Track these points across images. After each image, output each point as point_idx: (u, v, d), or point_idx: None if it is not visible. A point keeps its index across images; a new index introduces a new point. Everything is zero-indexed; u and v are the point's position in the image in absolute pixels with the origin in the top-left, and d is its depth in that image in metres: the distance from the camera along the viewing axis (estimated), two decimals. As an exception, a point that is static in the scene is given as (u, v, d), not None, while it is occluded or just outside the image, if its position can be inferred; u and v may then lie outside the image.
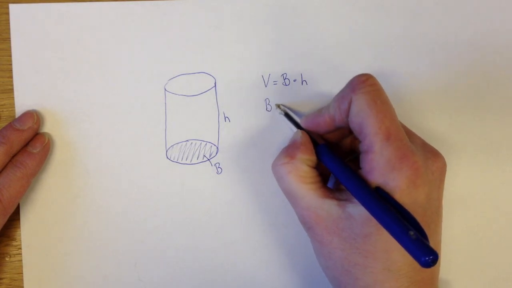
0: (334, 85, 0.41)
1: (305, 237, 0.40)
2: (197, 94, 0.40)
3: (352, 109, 0.34)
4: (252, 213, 0.40)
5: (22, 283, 0.39)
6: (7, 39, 0.39)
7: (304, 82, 0.41)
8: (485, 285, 0.41)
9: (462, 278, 0.41)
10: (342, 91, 0.35)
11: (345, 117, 0.35)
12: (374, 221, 0.32)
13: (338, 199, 0.34)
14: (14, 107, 0.39)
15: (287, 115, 0.39)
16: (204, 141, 0.40)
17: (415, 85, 0.41)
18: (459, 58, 0.42)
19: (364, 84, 0.34)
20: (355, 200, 0.33)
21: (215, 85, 0.40)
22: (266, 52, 0.41)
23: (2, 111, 0.39)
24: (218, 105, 0.40)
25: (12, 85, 0.39)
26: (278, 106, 0.40)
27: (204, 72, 0.40)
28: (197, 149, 0.40)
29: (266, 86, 0.41)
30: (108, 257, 0.39)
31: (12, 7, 0.39)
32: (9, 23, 0.39)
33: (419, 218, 0.32)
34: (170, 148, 0.40)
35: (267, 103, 0.41)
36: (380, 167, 0.32)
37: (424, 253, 0.28)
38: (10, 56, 0.39)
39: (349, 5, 0.41)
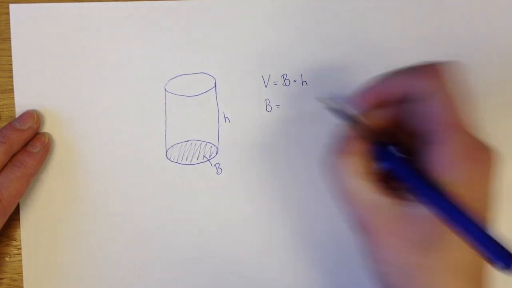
0: (335, 85, 0.41)
1: (305, 236, 0.40)
2: (197, 94, 0.40)
3: (424, 98, 0.32)
4: (252, 214, 0.40)
5: (22, 283, 0.39)
6: (7, 39, 0.39)
7: (304, 83, 0.41)
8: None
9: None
10: (416, 71, 0.33)
11: (410, 98, 0.32)
12: (436, 221, 0.30)
13: (401, 198, 0.32)
14: (14, 107, 0.39)
15: (332, 108, 0.36)
16: (204, 141, 0.40)
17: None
18: (459, 58, 0.42)
19: (443, 72, 0.32)
20: (419, 200, 0.32)
21: (215, 86, 0.40)
22: (266, 53, 0.41)
23: (2, 111, 0.39)
24: (218, 105, 0.40)
25: (12, 85, 0.39)
26: (321, 99, 0.38)
27: (204, 73, 0.40)
28: (197, 150, 0.40)
29: (266, 87, 0.41)
30: (108, 257, 0.39)
31: (13, 7, 0.39)
32: (9, 23, 0.39)
33: (484, 214, 0.31)
34: (170, 148, 0.40)
35: (267, 103, 0.41)
36: (450, 160, 0.31)
37: (506, 256, 0.26)
38: (10, 56, 0.39)
39: (349, 5, 0.41)
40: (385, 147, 0.33)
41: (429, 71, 0.32)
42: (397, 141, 0.34)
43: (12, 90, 0.39)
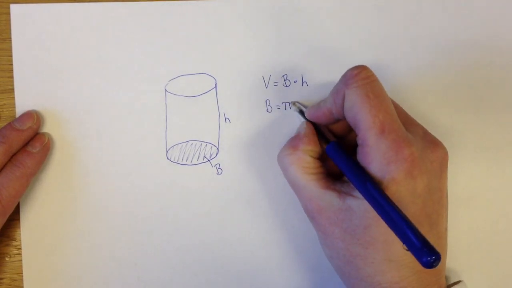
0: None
1: (306, 236, 0.40)
2: (198, 95, 0.40)
3: (345, 103, 0.34)
4: (252, 214, 0.40)
5: (22, 283, 0.39)
6: (8, 39, 0.39)
7: (304, 83, 0.41)
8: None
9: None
10: (337, 85, 0.35)
11: (341, 111, 0.35)
12: (373, 213, 0.32)
13: (339, 191, 0.35)
14: (14, 107, 0.39)
15: (301, 112, 0.39)
16: (204, 142, 0.40)
17: (416, 86, 0.42)
18: (460, 58, 0.42)
19: (356, 77, 0.34)
20: (355, 193, 0.34)
21: (215, 86, 0.40)
22: (266, 53, 0.41)
23: (2, 111, 0.39)
24: (218, 106, 0.40)
25: (12, 85, 0.39)
26: (294, 103, 0.40)
27: (204, 73, 0.40)
28: (197, 150, 0.40)
29: (266, 87, 0.41)
30: (108, 257, 0.39)
31: (13, 7, 0.39)
32: (9, 23, 0.39)
33: (418, 209, 0.33)
34: (171, 148, 0.40)
35: (268, 104, 0.41)
36: (376, 160, 0.33)
37: (426, 253, 0.28)
38: (11, 56, 0.39)
39: (350, 6, 0.41)
40: (333, 145, 0.36)
41: (345, 81, 0.34)
42: (349, 143, 0.38)
43: (12, 90, 0.39)
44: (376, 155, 0.33)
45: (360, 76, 0.34)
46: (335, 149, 0.36)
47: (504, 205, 0.42)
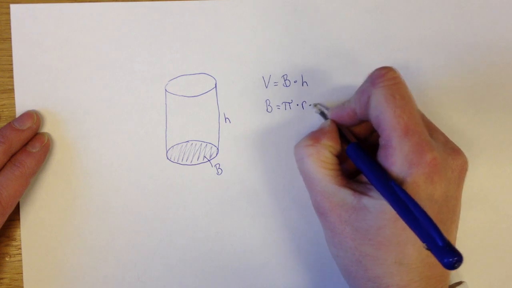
0: (335, 86, 0.41)
1: (306, 236, 0.40)
2: (198, 95, 0.40)
3: (371, 103, 0.34)
4: (252, 214, 0.40)
5: (22, 283, 0.39)
6: (8, 39, 0.39)
7: (304, 83, 0.41)
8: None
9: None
10: (363, 85, 0.35)
11: (365, 111, 0.35)
12: (388, 214, 0.32)
13: (354, 190, 0.34)
14: (14, 107, 0.39)
15: (322, 114, 0.39)
16: (204, 142, 0.40)
17: (416, 86, 0.42)
18: (460, 58, 0.42)
19: (383, 78, 0.34)
20: (371, 194, 0.33)
21: (215, 86, 0.40)
22: (266, 53, 0.41)
23: (2, 111, 0.39)
24: (218, 106, 0.40)
25: (12, 85, 0.39)
26: (315, 105, 0.40)
27: (204, 73, 0.40)
28: (197, 150, 0.40)
29: (266, 87, 0.41)
30: (108, 257, 0.39)
31: (13, 7, 0.39)
32: (9, 23, 0.39)
33: (433, 215, 0.32)
34: (171, 148, 0.40)
35: (268, 104, 0.41)
36: (398, 162, 0.32)
37: (449, 254, 0.28)
38: (11, 56, 0.39)
39: (350, 6, 0.41)
40: (354, 146, 0.36)
41: (372, 81, 0.34)
42: (369, 145, 0.38)
43: (12, 90, 0.39)
44: (398, 157, 0.32)
45: (387, 77, 0.34)
46: (356, 149, 0.35)
47: (504, 205, 0.42)
